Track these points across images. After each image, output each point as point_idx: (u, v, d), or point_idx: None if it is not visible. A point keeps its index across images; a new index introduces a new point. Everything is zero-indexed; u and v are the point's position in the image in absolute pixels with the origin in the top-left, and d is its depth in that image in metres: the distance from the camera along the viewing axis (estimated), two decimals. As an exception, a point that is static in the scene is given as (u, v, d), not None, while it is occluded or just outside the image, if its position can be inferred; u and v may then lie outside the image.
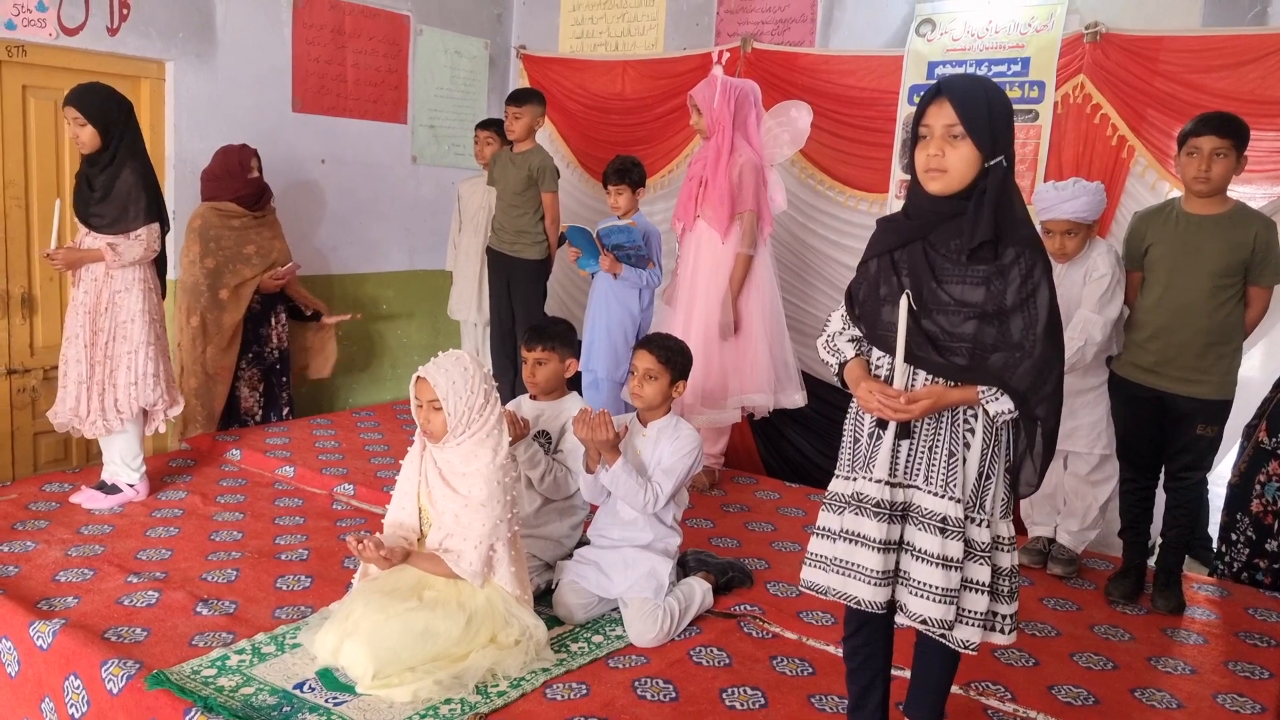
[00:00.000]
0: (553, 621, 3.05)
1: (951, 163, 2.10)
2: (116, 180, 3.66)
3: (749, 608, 3.21)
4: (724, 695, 2.71)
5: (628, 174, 4.48)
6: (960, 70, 4.71)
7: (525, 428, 3.34)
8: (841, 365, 2.31)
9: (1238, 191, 3.94)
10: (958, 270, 2.14)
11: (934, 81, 2.18)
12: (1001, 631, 2.23)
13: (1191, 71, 4.15)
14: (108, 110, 3.65)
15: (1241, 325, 3.31)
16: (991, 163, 2.09)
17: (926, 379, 2.17)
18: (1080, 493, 3.69)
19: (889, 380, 2.20)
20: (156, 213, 3.73)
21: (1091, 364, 3.50)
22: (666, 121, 5.62)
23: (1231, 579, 3.75)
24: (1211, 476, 3.64)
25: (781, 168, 4.67)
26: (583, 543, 3.35)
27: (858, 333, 2.31)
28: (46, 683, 2.82)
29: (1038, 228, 3.62)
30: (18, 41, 4.30)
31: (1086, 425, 3.60)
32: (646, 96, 5.68)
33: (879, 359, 2.26)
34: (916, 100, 4.77)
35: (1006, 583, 2.21)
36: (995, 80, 4.60)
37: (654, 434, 3.19)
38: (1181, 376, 3.31)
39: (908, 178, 4.85)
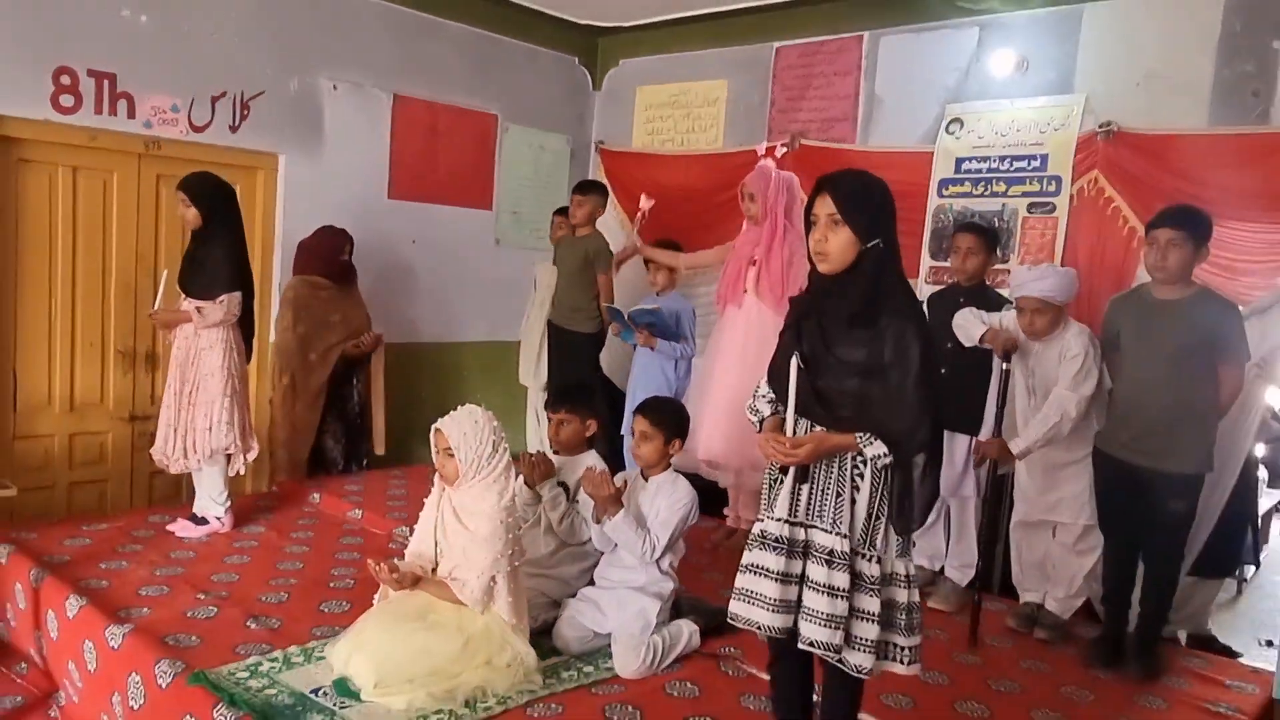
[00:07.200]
0: (553, 653, 3.37)
1: (832, 247, 2.40)
2: (210, 253, 4.24)
3: (732, 650, 3.48)
4: (683, 722, 2.97)
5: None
6: (983, 162, 5.00)
7: (552, 468, 3.74)
8: (761, 422, 2.63)
9: (1240, 283, 4.11)
10: (843, 335, 2.43)
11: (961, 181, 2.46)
12: (900, 662, 2.45)
13: (1198, 168, 4.32)
14: (211, 195, 4.25)
15: (1211, 403, 3.46)
16: (869, 245, 2.39)
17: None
18: (1066, 561, 3.85)
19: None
20: (240, 284, 4.29)
21: (1073, 438, 3.69)
22: (725, 211, 6.02)
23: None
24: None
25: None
26: (590, 584, 3.70)
27: (773, 395, 2.62)
28: (116, 679, 3.24)
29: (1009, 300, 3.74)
30: (154, 138, 5.04)
31: (1070, 496, 3.79)
32: (706, 187, 6.12)
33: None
34: (945, 192, 5.13)
35: (903, 616, 2.44)
36: (1012, 174, 4.87)
37: (653, 488, 3.52)
38: (1153, 451, 3.48)
39: (937, 263, 5.14)
